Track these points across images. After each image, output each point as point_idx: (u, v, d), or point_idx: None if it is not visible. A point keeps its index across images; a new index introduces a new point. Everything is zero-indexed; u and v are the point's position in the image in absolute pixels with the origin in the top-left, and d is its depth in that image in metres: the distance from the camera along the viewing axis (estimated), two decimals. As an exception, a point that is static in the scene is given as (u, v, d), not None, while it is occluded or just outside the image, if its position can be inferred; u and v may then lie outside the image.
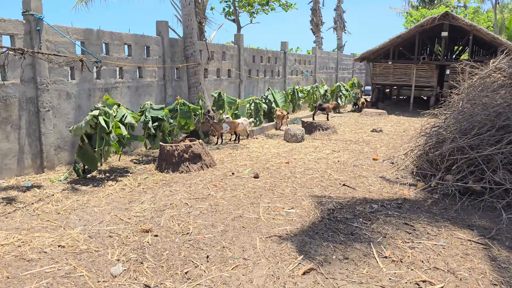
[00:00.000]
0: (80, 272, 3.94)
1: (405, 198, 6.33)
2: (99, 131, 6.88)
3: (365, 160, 8.95)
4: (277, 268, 4.07)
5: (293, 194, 6.44)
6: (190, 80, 11.01)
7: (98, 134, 6.87)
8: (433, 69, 19.38)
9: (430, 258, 4.34)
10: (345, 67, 26.82)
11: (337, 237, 4.83)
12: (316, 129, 12.19)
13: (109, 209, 5.74)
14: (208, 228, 5.06)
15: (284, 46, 17.72)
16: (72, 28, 8.08)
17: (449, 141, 7.05)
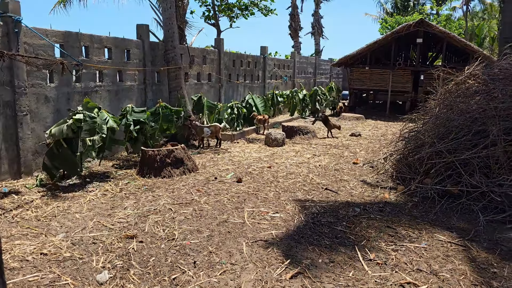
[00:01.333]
0: (65, 280, 3.87)
1: (386, 202, 6.46)
2: (82, 135, 6.78)
3: (345, 164, 9.09)
4: (264, 272, 4.10)
5: (277, 199, 6.49)
6: (171, 84, 10.95)
7: (80, 138, 6.76)
8: (408, 74, 19.86)
9: (413, 260, 4.45)
10: (323, 71, 27.15)
11: (322, 241, 4.89)
12: (297, 133, 12.30)
13: (92, 215, 5.65)
14: (193, 233, 5.04)
15: (263, 51, 17.82)
16: (51, 31, 7.92)
17: (427, 146, 7.24)
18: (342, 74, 31.25)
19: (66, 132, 6.71)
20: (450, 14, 40.80)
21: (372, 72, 20.53)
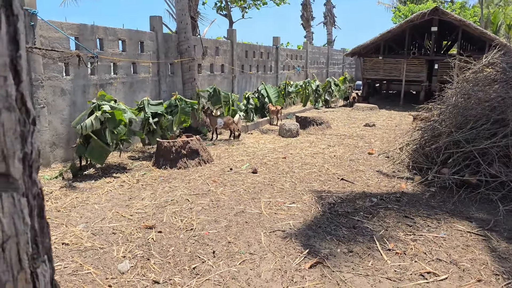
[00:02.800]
0: (87, 270, 3.93)
1: (403, 192, 6.42)
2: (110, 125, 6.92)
3: (360, 155, 9.04)
4: (283, 262, 4.11)
5: (293, 189, 6.48)
6: (185, 75, 10.96)
7: (109, 128, 6.89)
8: (423, 64, 19.59)
9: (432, 250, 4.42)
10: (336, 62, 26.93)
11: (340, 231, 4.88)
12: (311, 124, 12.25)
13: (110, 206, 5.72)
14: (211, 223, 5.07)
15: (276, 41, 17.72)
16: (66, 23, 7.97)
17: (445, 135, 7.15)
18: (355, 64, 30.97)
19: (95, 125, 6.80)
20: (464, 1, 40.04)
21: (386, 62, 20.30)
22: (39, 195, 0.77)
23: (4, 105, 0.66)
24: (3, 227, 0.65)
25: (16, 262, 0.68)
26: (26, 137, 0.72)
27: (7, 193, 0.66)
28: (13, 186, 0.68)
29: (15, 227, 0.68)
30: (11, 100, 0.67)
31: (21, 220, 0.69)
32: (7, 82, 0.67)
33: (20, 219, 0.69)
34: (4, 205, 0.66)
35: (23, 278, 0.69)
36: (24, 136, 0.71)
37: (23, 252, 0.69)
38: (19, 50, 0.71)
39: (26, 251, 0.70)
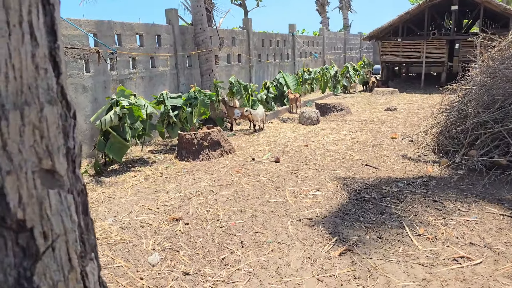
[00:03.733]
0: (119, 263, 3.97)
1: (430, 176, 6.28)
2: (128, 121, 6.97)
3: (383, 139, 8.88)
4: (312, 250, 4.08)
5: (317, 177, 6.42)
6: (202, 67, 10.94)
7: (127, 124, 6.94)
8: (443, 44, 19.07)
9: (464, 234, 4.32)
10: (353, 46, 26.49)
11: (367, 217, 4.81)
12: (331, 110, 12.10)
13: (136, 200, 5.77)
14: (237, 214, 5.06)
15: (292, 29, 17.51)
16: (84, 21, 8.02)
17: (471, 116, 6.95)
18: (372, 48, 30.41)
19: (113, 120, 6.85)
20: (485, -23, 38.71)
21: (405, 44, 19.83)
22: (82, 191, 0.74)
23: (46, 99, 0.63)
24: (52, 226, 0.63)
25: (66, 261, 0.66)
26: (68, 131, 0.69)
27: (54, 190, 0.63)
28: (59, 182, 0.65)
29: (64, 225, 0.65)
30: (52, 93, 0.64)
31: (68, 217, 0.66)
32: (48, 75, 0.64)
33: (68, 216, 0.66)
34: (52, 203, 0.63)
35: (74, 278, 0.67)
36: (66, 130, 0.68)
37: (72, 251, 0.67)
38: (57, 40, 0.68)
39: (75, 250, 0.68)
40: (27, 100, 0.60)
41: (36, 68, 0.62)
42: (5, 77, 0.57)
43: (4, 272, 0.59)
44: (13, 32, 0.58)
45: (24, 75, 0.60)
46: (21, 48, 0.59)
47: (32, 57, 0.61)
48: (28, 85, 0.60)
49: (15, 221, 0.59)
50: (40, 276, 0.61)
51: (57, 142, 0.64)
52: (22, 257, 0.60)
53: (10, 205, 0.58)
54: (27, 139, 0.60)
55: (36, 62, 0.62)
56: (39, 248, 0.61)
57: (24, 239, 0.60)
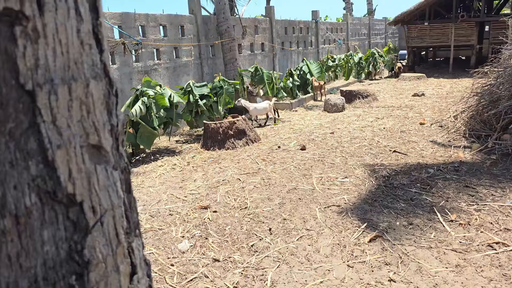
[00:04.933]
0: (150, 250, 4.05)
1: (461, 161, 6.12)
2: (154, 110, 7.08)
3: (411, 125, 8.70)
4: (341, 237, 4.05)
5: (344, 164, 6.36)
6: (226, 56, 10.94)
7: (154, 113, 7.05)
8: (473, 26, 18.43)
9: (499, 219, 4.20)
10: (378, 32, 25.94)
11: (397, 204, 4.74)
12: (356, 97, 11.92)
13: (164, 189, 5.85)
14: (265, 201, 5.07)
15: (315, 15, 17.27)
16: (109, 13, 8.12)
17: (505, 99, 6.72)
18: (398, 33, 29.70)
19: (143, 110, 6.95)
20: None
21: (432, 28, 19.26)
22: (126, 169, 0.75)
23: (91, 74, 0.63)
24: (100, 200, 0.64)
25: (114, 236, 0.66)
26: (111, 109, 0.69)
27: (101, 166, 0.64)
28: (105, 158, 0.66)
29: (111, 200, 0.66)
30: (97, 69, 0.64)
31: (115, 193, 0.67)
32: (92, 51, 0.64)
33: (114, 192, 0.67)
34: (99, 178, 0.64)
35: (121, 252, 0.67)
36: (110, 107, 0.69)
37: (119, 226, 0.67)
38: (99, 17, 0.67)
39: (122, 225, 0.68)
40: (74, 76, 0.60)
41: (81, 44, 0.62)
42: (53, 52, 0.58)
43: (56, 245, 0.60)
44: (59, 7, 0.58)
45: (71, 50, 0.60)
46: (67, 23, 0.59)
47: (77, 32, 0.61)
48: (75, 61, 0.60)
49: (66, 195, 0.59)
50: (90, 250, 0.62)
51: (102, 118, 0.65)
52: (72, 231, 0.61)
53: (61, 179, 0.59)
54: (75, 114, 0.60)
55: (81, 37, 0.62)
56: (88, 222, 0.62)
57: (74, 213, 0.61)
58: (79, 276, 0.62)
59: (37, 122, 0.57)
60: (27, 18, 0.54)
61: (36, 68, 0.56)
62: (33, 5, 0.54)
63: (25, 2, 0.54)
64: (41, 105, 0.56)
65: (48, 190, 0.58)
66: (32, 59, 0.55)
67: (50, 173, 0.58)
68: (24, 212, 0.57)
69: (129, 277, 0.70)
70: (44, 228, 0.59)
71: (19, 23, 0.54)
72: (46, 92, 0.56)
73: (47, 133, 0.57)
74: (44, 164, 0.58)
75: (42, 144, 0.57)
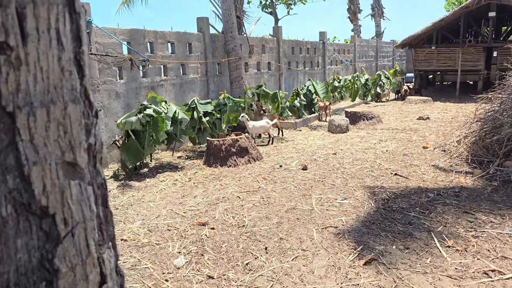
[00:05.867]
0: (145, 264, 4.08)
1: (462, 186, 6.11)
2: (149, 129, 7.10)
3: (414, 149, 8.71)
4: (337, 258, 4.05)
5: (344, 185, 6.37)
6: (232, 74, 11.09)
7: (148, 132, 7.09)
8: (480, 52, 18.54)
9: (496, 247, 4.18)
10: (385, 54, 26.15)
11: (394, 227, 4.73)
12: (361, 119, 11.98)
13: (164, 204, 5.90)
14: (262, 220, 5.09)
15: (322, 36, 17.49)
16: (118, 29, 8.32)
17: (507, 126, 6.73)
18: (405, 56, 29.92)
19: (134, 124, 7.03)
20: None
21: (439, 52, 19.41)
22: (102, 185, 0.80)
23: (70, 98, 0.69)
24: (72, 213, 0.69)
25: (84, 247, 0.71)
26: (90, 129, 0.75)
27: (75, 181, 0.69)
28: (80, 175, 0.71)
29: (83, 214, 0.71)
30: (76, 93, 0.70)
31: (88, 207, 0.72)
32: (72, 76, 0.70)
33: (87, 206, 0.72)
34: (73, 193, 0.69)
35: (91, 262, 0.72)
36: (88, 127, 0.74)
37: (90, 238, 0.72)
38: (82, 46, 0.74)
39: (93, 237, 0.73)
40: (52, 99, 0.66)
41: (62, 70, 0.68)
42: (33, 78, 0.64)
43: (29, 253, 0.65)
44: (41, 38, 0.64)
45: (51, 76, 0.66)
46: (48, 52, 0.66)
47: (58, 60, 0.67)
48: (54, 86, 0.67)
49: (39, 208, 0.65)
50: (61, 259, 0.67)
51: (79, 137, 0.70)
52: (45, 241, 0.66)
53: (35, 192, 0.64)
54: (52, 133, 0.66)
55: (62, 64, 0.68)
56: (60, 233, 0.67)
57: (47, 224, 0.66)
58: (49, 283, 0.67)
59: (16, 140, 0.63)
60: (11, 48, 0.61)
61: (17, 92, 0.62)
62: (17, 37, 0.61)
63: (10, 34, 0.60)
64: (20, 125, 0.63)
65: (23, 202, 0.64)
66: (14, 84, 0.62)
67: (25, 187, 0.64)
68: (0, 221, 0.63)
69: (98, 286, 0.75)
70: (18, 237, 0.64)
71: (3, 52, 0.60)
72: (25, 114, 0.63)
73: (25, 151, 0.63)
74: (21, 178, 0.64)
75: (19, 161, 0.63)
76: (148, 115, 7.13)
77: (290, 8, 17.66)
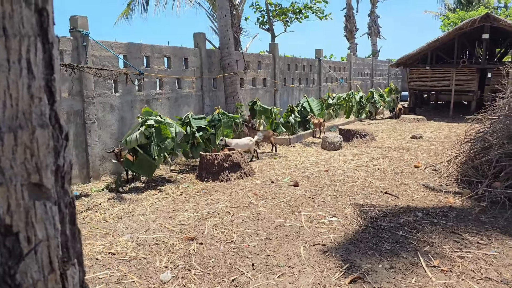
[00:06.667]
0: (131, 279, 4.08)
1: (450, 206, 6.16)
2: (156, 140, 7.18)
3: (406, 168, 8.78)
4: (323, 276, 4.06)
5: (334, 203, 6.41)
6: (227, 89, 11.19)
7: (155, 142, 7.16)
8: (474, 72, 18.81)
9: (481, 268, 4.21)
10: (381, 73, 26.45)
11: (382, 246, 4.76)
12: (354, 136, 12.07)
13: (154, 218, 5.91)
14: (251, 236, 5.11)
15: (318, 54, 17.70)
16: (115, 43, 8.42)
17: (496, 147, 6.82)
18: (401, 75, 30.27)
19: (139, 139, 7.08)
20: (520, 6, 38.06)
21: (434, 72, 19.67)
22: (71, 204, 0.84)
23: (38, 123, 0.74)
24: (35, 232, 0.73)
25: (47, 264, 0.75)
26: (59, 151, 0.79)
27: (40, 201, 0.74)
28: (46, 195, 0.75)
29: (47, 232, 0.75)
30: (44, 118, 0.75)
31: (52, 226, 0.76)
32: (42, 103, 0.75)
33: (51, 225, 0.76)
34: (37, 212, 0.73)
35: (53, 279, 0.76)
36: (57, 150, 0.79)
37: (53, 255, 0.76)
38: (53, 73, 0.79)
39: (57, 254, 0.77)
40: (21, 124, 0.71)
41: (31, 97, 0.73)
42: (3, 105, 0.69)
43: (-8, 269, 0.69)
44: (12, 68, 0.69)
45: (20, 103, 0.71)
46: (18, 81, 0.70)
47: (28, 88, 0.72)
48: (23, 112, 0.71)
49: (3, 226, 0.69)
50: (22, 275, 0.71)
51: (46, 160, 0.75)
52: (7, 257, 0.70)
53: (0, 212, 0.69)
54: (19, 157, 0.71)
55: (32, 92, 0.73)
56: (22, 250, 0.71)
57: (10, 242, 0.70)
58: (11, 298, 0.71)
59: (-17, 163, 0.67)
60: (-19, 78, 0.66)
61: (-14, 118, 0.67)
62: (-12, 68, 0.66)
63: (-19, 65, 0.66)
64: (-13, 149, 0.67)
65: (-12, 221, 0.68)
66: (-17, 111, 0.66)
67: (-9, 207, 0.68)
68: (-35, 239, 0.67)
69: (60, 302, 0.78)
70: (-17, 253, 0.68)
71: (-26, 81, 0.65)
72: (-7, 138, 0.67)
73: (-9, 173, 0.68)
74: (-13, 198, 0.68)
75: (-15, 182, 0.68)
76: (150, 125, 7.20)
77: (287, 25, 17.88)
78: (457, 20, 31.46)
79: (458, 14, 33.71)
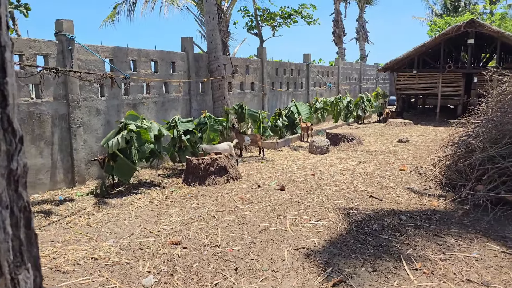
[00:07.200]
0: (113, 284, 4.04)
1: (434, 209, 6.22)
2: (136, 144, 7.14)
3: (391, 171, 8.85)
4: (306, 280, 4.07)
5: (320, 206, 6.43)
6: (215, 94, 11.19)
7: (135, 147, 7.12)
8: (460, 77, 19.06)
9: (462, 270, 4.25)
10: (369, 77, 26.66)
11: (365, 249, 4.78)
12: (341, 140, 12.13)
13: (139, 222, 5.86)
14: (236, 240, 5.10)
15: (307, 58, 17.80)
16: (101, 47, 8.37)
17: (479, 151, 6.91)
18: (388, 79, 30.54)
19: (121, 143, 7.03)
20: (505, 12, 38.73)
21: (421, 76, 19.89)
22: (25, 208, 0.83)
23: (-12, 127, 0.73)
24: (-17, 236, 0.72)
25: (-4, 268, 0.74)
26: (12, 154, 0.79)
27: (-11, 206, 0.73)
28: (-5, 199, 0.75)
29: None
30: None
31: (2, 230, 0.75)
32: (-8, 106, 0.75)
33: (1, 229, 0.75)
34: (-15, 216, 0.73)
35: (3, 283, 0.75)
36: (10, 153, 0.78)
37: (3, 260, 0.76)
38: (6, 77, 0.79)
39: (7, 259, 0.76)
40: (-32, 128, 0.71)
41: (-20, 101, 0.73)
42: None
43: None
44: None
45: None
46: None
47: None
48: (-29, 115, 0.71)
49: None
50: (-31, 280, 0.71)
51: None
52: (-47, 262, 0.70)
53: None
54: (-34, 160, 0.70)
55: (-19, 96, 0.73)
56: (-31, 255, 0.71)
57: (-44, 246, 0.70)
58: (-43, 303, 0.70)
59: None
60: None
61: None
62: None
63: None
64: None
65: None
66: None
67: None
68: None
69: (11, 307, 0.78)
70: None
71: None
72: None
73: None
74: None
75: None
76: (131, 129, 7.16)
77: (275, 30, 17.96)
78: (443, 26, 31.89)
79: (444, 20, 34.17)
